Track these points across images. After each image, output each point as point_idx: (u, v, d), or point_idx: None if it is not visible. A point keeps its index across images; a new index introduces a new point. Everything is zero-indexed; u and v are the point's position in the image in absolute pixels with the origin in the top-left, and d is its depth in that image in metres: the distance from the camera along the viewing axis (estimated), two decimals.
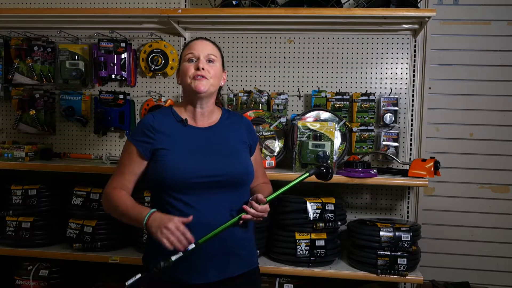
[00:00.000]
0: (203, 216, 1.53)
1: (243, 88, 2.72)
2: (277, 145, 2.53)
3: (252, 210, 1.53)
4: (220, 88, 1.74)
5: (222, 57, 1.72)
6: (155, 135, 1.60)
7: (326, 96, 2.60)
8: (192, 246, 1.42)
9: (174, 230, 1.41)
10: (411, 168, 2.33)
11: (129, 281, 1.42)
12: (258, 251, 2.35)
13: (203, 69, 1.60)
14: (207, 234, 1.48)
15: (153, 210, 1.50)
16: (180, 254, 1.42)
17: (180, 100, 2.69)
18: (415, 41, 2.62)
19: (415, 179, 2.30)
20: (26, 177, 2.69)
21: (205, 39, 1.70)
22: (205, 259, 1.55)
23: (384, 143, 2.57)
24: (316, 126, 2.38)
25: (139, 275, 1.43)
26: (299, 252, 2.28)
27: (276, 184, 1.79)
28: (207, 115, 1.68)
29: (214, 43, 1.71)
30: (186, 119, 1.65)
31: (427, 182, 2.27)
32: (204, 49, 1.64)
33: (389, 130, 2.58)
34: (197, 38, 1.70)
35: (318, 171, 1.69)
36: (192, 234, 1.44)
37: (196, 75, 1.60)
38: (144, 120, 1.64)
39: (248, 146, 1.72)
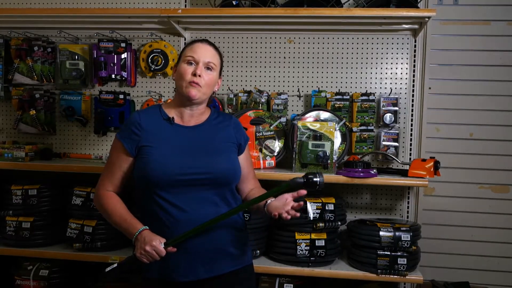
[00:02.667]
0: (188, 215, 1.56)
1: (243, 88, 2.72)
2: (277, 145, 2.53)
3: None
4: (213, 92, 1.75)
5: (221, 64, 1.73)
6: (141, 132, 1.62)
7: (326, 96, 2.60)
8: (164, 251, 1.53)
9: (150, 252, 1.50)
10: (411, 168, 2.33)
11: (108, 268, 1.58)
12: (258, 251, 2.36)
13: (199, 76, 1.61)
14: (189, 231, 1.54)
15: (142, 228, 1.55)
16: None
17: None
18: (415, 41, 2.62)
19: (415, 179, 2.30)
20: (26, 177, 2.69)
21: (209, 43, 1.70)
22: (193, 257, 1.57)
23: (384, 143, 2.57)
24: (316, 126, 2.38)
25: (115, 265, 1.58)
26: (299, 252, 2.28)
27: (276, 185, 1.78)
28: (196, 116, 1.70)
29: (216, 48, 1.71)
30: (172, 118, 1.66)
31: (427, 182, 2.27)
32: (205, 55, 1.64)
33: (389, 130, 2.58)
34: (201, 40, 1.70)
35: (302, 181, 1.46)
36: (176, 232, 1.54)
37: (192, 82, 1.61)
38: (131, 117, 1.67)
39: (236, 145, 1.73)
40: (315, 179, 1.45)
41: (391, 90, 2.64)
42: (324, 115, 2.54)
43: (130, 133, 1.63)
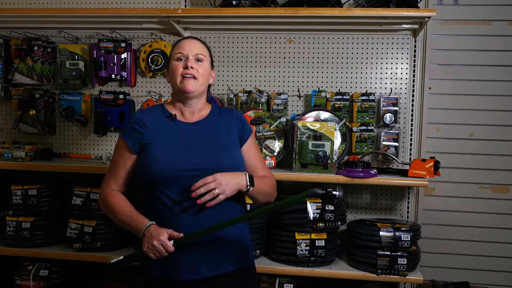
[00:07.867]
0: (191, 212, 1.55)
1: (243, 88, 2.72)
2: (277, 145, 2.53)
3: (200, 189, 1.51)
4: (209, 86, 1.76)
5: (211, 56, 1.75)
6: (144, 129, 1.64)
7: (326, 96, 2.60)
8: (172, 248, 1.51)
9: (157, 247, 1.48)
10: (411, 168, 2.32)
11: (113, 260, 1.58)
12: (258, 251, 2.36)
13: (191, 67, 1.63)
14: (193, 229, 1.53)
15: (149, 223, 1.54)
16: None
17: None
18: (415, 41, 2.62)
19: (415, 179, 2.30)
20: (26, 177, 2.69)
21: (194, 38, 1.72)
22: (197, 256, 1.57)
23: (384, 143, 2.57)
24: (316, 126, 2.38)
25: (121, 257, 1.58)
26: (299, 252, 2.28)
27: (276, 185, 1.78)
28: (197, 113, 1.71)
29: (202, 42, 1.73)
30: (174, 114, 1.68)
31: (427, 182, 2.27)
32: (192, 48, 1.67)
33: (389, 130, 2.58)
34: (186, 37, 1.73)
35: (320, 193, 1.47)
36: (180, 229, 1.52)
37: (185, 74, 1.63)
38: (134, 116, 1.69)
39: (238, 140, 1.72)
40: (334, 193, 1.44)
41: (391, 90, 2.64)
42: (324, 115, 2.54)
43: (133, 131, 1.65)
